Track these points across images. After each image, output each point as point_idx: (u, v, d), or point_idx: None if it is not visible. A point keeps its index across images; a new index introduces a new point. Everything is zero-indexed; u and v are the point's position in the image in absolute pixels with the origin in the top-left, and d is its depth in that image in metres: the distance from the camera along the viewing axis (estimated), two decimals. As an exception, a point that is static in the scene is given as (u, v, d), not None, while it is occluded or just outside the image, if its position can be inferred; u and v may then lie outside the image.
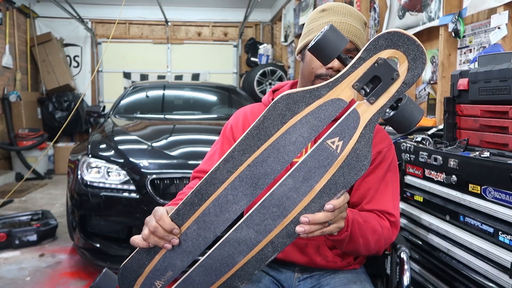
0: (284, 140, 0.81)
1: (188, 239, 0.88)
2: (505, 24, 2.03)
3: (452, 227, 1.49)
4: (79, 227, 2.48)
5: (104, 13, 7.21)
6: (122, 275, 0.94)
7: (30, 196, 4.71)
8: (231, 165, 0.83)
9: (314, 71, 1.10)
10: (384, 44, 0.75)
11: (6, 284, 2.47)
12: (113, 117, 3.57)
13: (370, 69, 0.76)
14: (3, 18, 5.87)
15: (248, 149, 0.82)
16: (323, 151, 0.80)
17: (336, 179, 0.79)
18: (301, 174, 0.81)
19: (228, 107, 4.09)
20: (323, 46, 0.80)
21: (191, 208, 0.87)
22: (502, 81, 1.38)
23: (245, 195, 0.83)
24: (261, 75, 6.17)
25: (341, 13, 1.09)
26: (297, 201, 0.81)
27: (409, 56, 0.75)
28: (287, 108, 0.80)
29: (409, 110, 0.78)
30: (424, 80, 2.97)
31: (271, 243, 0.84)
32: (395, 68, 0.75)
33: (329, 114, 0.79)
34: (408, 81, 0.76)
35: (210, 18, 7.56)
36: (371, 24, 3.74)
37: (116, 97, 4.22)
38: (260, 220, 0.84)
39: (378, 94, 0.77)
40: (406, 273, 1.18)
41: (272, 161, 0.82)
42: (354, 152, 0.78)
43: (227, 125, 1.26)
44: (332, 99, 0.79)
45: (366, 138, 0.78)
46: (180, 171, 2.42)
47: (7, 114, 5.78)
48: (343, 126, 0.79)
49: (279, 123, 0.81)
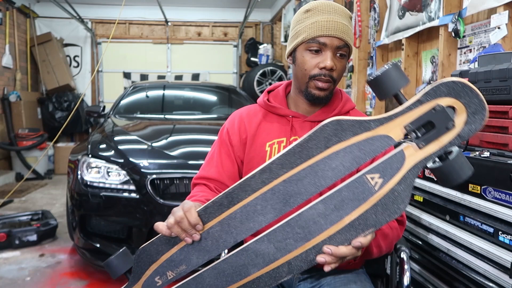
0: (324, 164, 0.80)
1: (209, 238, 0.88)
2: (505, 24, 2.03)
3: (452, 227, 1.49)
4: (79, 227, 2.48)
5: (104, 13, 7.21)
6: (138, 256, 0.95)
7: (30, 196, 4.71)
8: (267, 177, 0.83)
9: (308, 72, 1.10)
10: (445, 92, 0.72)
11: (6, 284, 2.47)
12: (113, 117, 3.57)
13: (426, 113, 0.73)
14: (3, 18, 5.87)
15: (287, 164, 0.81)
16: (361, 184, 0.78)
17: (367, 215, 0.77)
18: (334, 202, 0.79)
19: (228, 107, 4.09)
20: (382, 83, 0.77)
21: (219, 208, 0.87)
22: (502, 81, 1.38)
23: (274, 209, 0.83)
24: (261, 75, 6.17)
25: (326, 12, 1.08)
26: (323, 228, 0.80)
27: (469, 108, 0.71)
28: (334, 134, 0.79)
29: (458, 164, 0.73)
30: (424, 80, 2.97)
31: (287, 264, 0.83)
32: (452, 118, 0.72)
33: (374, 148, 0.77)
34: (464, 135, 0.72)
35: (210, 18, 7.57)
36: (371, 24, 3.74)
37: (116, 97, 4.22)
38: (283, 237, 0.83)
39: (429, 140, 0.74)
40: (406, 273, 1.18)
41: (307, 182, 0.81)
42: (392, 193, 0.76)
43: (223, 128, 1.25)
44: (381, 134, 0.77)
45: (407, 182, 0.75)
46: (180, 171, 2.41)
47: (7, 114, 5.78)
48: (387, 164, 0.77)
49: (323, 147, 0.79)
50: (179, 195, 2.39)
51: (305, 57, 1.10)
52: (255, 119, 1.22)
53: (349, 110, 1.21)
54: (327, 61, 1.06)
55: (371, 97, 3.78)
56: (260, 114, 1.23)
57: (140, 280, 0.95)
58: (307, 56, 1.09)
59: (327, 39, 1.07)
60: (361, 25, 3.83)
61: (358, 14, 3.85)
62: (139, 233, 2.37)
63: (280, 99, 1.23)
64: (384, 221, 0.76)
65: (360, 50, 3.89)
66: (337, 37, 1.07)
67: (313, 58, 1.09)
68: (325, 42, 1.07)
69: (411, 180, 0.75)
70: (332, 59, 1.07)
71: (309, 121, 1.18)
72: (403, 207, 0.75)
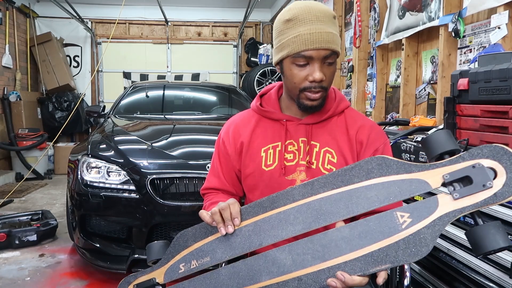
0: (361, 192, 0.83)
1: (240, 235, 0.93)
2: (505, 24, 2.04)
3: (452, 227, 1.49)
4: (79, 227, 2.48)
5: (104, 13, 7.21)
6: (177, 239, 1.00)
7: (30, 196, 4.71)
8: (308, 191, 0.88)
9: (298, 85, 1.08)
10: (487, 154, 0.75)
11: (6, 284, 2.47)
12: (113, 117, 3.57)
13: (466, 168, 0.76)
14: (3, 18, 5.87)
15: (328, 185, 0.86)
16: (390, 219, 0.80)
17: (388, 251, 0.78)
18: (359, 230, 0.81)
19: (228, 107, 4.09)
20: (430, 144, 0.81)
21: (259, 209, 0.92)
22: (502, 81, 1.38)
23: (304, 223, 0.86)
24: (261, 75, 6.17)
25: (308, 21, 1.03)
26: (343, 252, 0.82)
27: (509, 173, 0.74)
28: (377, 167, 0.83)
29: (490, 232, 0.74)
30: (424, 80, 2.97)
31: (298, 279, 0.84)
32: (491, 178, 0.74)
33: (411, 190, 0.80)
34: (500, 195, 0.73)
35: (210, 18, 7.57)
36: (371, 24, 3.74)
37: (116, 97, 4.22)
38: (302, 252, 0.85)
39: (464, 193, 0.75)
40: (406, 273, 1.18)
41: (341, 205, 0.84)
42: (418, 235, 0.77)
43: (219, 139, 1.27)
44: (420, 179, 0.79)
45: (435, 228, 0.76)
46: (180, 171, 2.41)
47: (7, 114, 5.78)
48: (419, 207, 0.79)
49: (364, 176, 0.83)
50: (179, 195, 2.39)
51: (293, 71, 1.08)
52: (249, 126, 1.22)
53: (343, 109, 1.20)
54: (316, 74, 1.04)
55: (371, 97, 3.78)
56: (254, 120, 1.22)
57: (168, 262, 1.00)
58: (295, 70, 1.07)
59: (313, 52, 1.03)
60: (361, 25, 3.83)
61: (358, 14, 3.85)
62: (139, 233, 2.37)
63: (273, 102, 1.22)
64: (403, 261, 0.77)
65: (360, 50, 3.89)
66: (323, 48, 1.03)
67: (301, 71, 1.06)
68: (311, 55, 1.04)
69: (440, 228, 0.76)
70: (320, 71, 1.04)
71: (303, 123, 1.17)
72: (425, 251, 0.76)
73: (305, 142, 1.15)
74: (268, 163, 1.15)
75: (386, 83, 3.58)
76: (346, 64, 4.52)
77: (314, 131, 1.16)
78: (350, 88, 4.23)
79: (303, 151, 1.14)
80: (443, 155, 0.80)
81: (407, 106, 3.10)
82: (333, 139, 1.15)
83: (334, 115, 1.18)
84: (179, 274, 0.98)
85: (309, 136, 1.15)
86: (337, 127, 1.17)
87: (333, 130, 1.16)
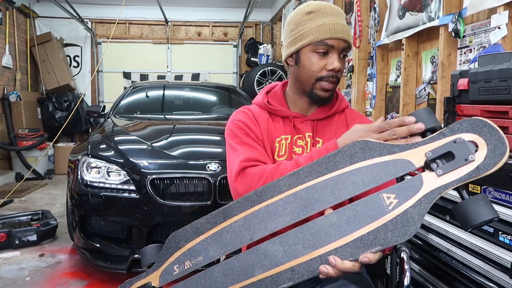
0: (346, 177, 0.83)
1: (230, 231, 0.92)
2: (505, 24, 2.03)
3: (452, 227, 1.49)
4: (79, 227, 2.48)
5: (104, 13, 7.21)
6: (169, 241, 1.00)
7: (30, 196, 4.71)
8: (294, 181, 0.87)
9: (315, 74, 1.12)
10: (467, 128, 0.76)
11: (6, 284, 2.47)
12: (113, 117, 3.57)
13: (447, 144, 0.77)
14: (3, 18, 5.86)
15: (313, 173, 0.86)
16: (376, 202, 0.80)
17: (377, 233, 0.78)
18: (347, 215, 0.81)
19: (228, 107, 4.09)
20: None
21: (247, 203, 0.91)
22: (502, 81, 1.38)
23: (292, 213, 0.86)
24: (261, 75, 6.17)
25: (330, 14, 1.11)
26: (332, 239, 0.82)
27: (490, 144, 0.74)
28: (360, 151, 0.83)
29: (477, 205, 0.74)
30: (424, 80, 2.97)
31: (291, 270, 0.84)
32: (472, 151, 0.75)
33: (395, 170, 0.80)
34: (483, 168, 0.74)
35: (210, 18, 7.57)
36: (371, 24, 3.74)
37: (116, 97, 4.22)
38: (293, 242, 0.85)
39: (447, 169, 0.76)
40: (406, 273, 1.17)
41: (328, 192, 0.84)
42: (405, 214, 0.77)
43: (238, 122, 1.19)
44: (403, 159, 0.80)
45: (421, 207, 0.76)
46: (180, 171, 2.41)
47: (7, 114, 5.78)
48: (404, 187, 0.79)
49: (348, 161, 0.84)
50: (179, 195, 2.39)
51: (312, 59, 1.12)
52: (263, 116, 1.23)
53: (344, 108, 1.25)
54: (336, 63, 1.09)
55: (371, 97, 3.78)
56: (264, 115, 1.24)
57: (162, 265, 1.00)
58: (314, 58, 1.11)
59: (335, 42, 1.09)
60: (361, 25, 3.83)
61: (358, 14, 3.85)
62: (139, 233, 2.37)
63: (280, 99, 1.25)
64: (393, 242, 0.77)
65: (360, 50, 3.89)
66: (343, 39, 1.10)
67: (321, 60, 1.11)
68: (333, 44, 1.10)
69: (426, 205, 0.76)
70: (339, 61, 1.11)
71: (309, 119, 1.21)
72: (413, 230, 0.76)
73: (311, 137, 1.19)
74: (280, 153, 1.18)
75: (386, 83, 3.58)
76: (346, 64, 4.53)
77: (319, 128, 1.21)
78: (350, 88, 4.23)
79: (310, 145, 1.18)
80: (425, 132, 0.81)
81: (407, 106, 3.11)
82: (335, 136, 1.17)
83: (337, 112, 1.23)
84: (174, 276, 0.98)
85: (314, 131, 1.19)
86: (339, 124, 1.22)
87: (335, 127, 1.21)
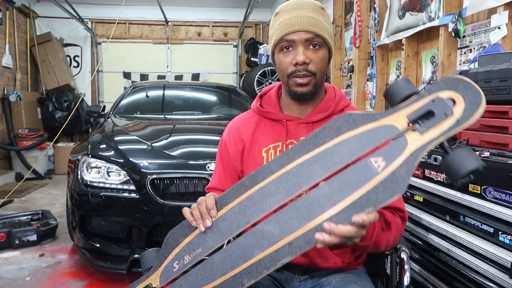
0: (334, 150, 0.86)
1: (226, 219, 0.94)
2: (505, 24, 2.04)
3: (452, 227, 1.50)
4: (79, 227, 2.48)
5: (104, 13, 7.21)
6: (167, 240, 1.01)
7: (30, 196, 4.71)
8: (284, 161, 0.89)
9: (285, 71, 1.12)
10: (443, 86, 0.79)
11: (6, 284, 2.47)
12: (113, 117, 3.57)
13: (426, 104, 0.80)
14: (3, 18, 5.86)
15: (302, 150, 0.88)
16: (365, 167, 0.82)
17: (369, 195, 0.81)
18: (338, 184, 0.84)
19: (228, 107, 4.09)
20: (391, 93, 0.85)
21: (241, 189, 0.93)
22: (502, 81, 1.38)
23: (285, 191, 0.88)
24: (261, 75, 6.17)
25: (290, 10, 1.11)
26: (326, 208, 0.84)
27: (466, 98, 0.77)
28: (345, 123, 0.86)
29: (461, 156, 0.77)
30: (424, 80, 2.97)
31: (288, 245, 0.86)
32: (450, 106, 0.78)
33: (380, 136, 0.83)
34: (462, 120, 0.77)
35: (210, 18, 7.57)
36: (371, 24, 3.74)
37: (116, 97, 4.22)
38: (288, 218, 0.87)
39: (429, 126, 0.79)
40: (406, 273, 1.18)
41: (318, 166, 0.86)
42: (393, 174, 0.80)
43: (222, 140, 1.29)
44: (386, 124, 0.83)
45: (408, 165, 0.79)
46: (180, 171, 2.41)
47: (7, 114, 5.78)
48: (390, 149, 0.81)
49: (334, 134, 0.86)
50: (179, 195, 2.39)
51: (280, 58, 1.12)
52: (250, 127, 1.23)
53: (343, 107, 1.20)
54: (298, 56, 1.07)
55: (371, 97, 3.78)
56: (254, 121, 1.23)
57: (162, 265, 1.00)
58: (282, 57, 1.12)
59: (293, 35, 1.08)
60: (361, 25, 3.83)
61: (358, 14, 3.85)
62: (139, 233, 2.37)
63: (273, 103, 1.23)
64: (385, 200, 0.80)
65: (360, 50, 3.89)
66: (303, 30, 1.07)
67: (287, 57, 1.11)
68: (293, 38, 1.08)
69: (412, 163, 0.79)
70: (304, 53, 1.08)
71: (303, 122, 1.17)
72: (402, 187, 0.79)
73: None
74: None
75: (386, 83, 3.59)
76: (346, 64, 4.52)
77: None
78: (350, 88, 4.23)
79: None
80: (404, 99, 0.83)
81: (407, 106, 3.10)
82: None
83: (334, 113, 1.17)
84: (174, 273, 0.98)
85: None
86: None
87: None
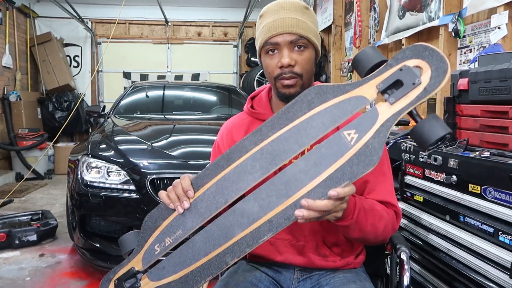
0: (307, 124, 0.87)
1: (204, 199, 0.94)
2: (505, 24, 2.04)
3: (452, 227, 1.50)
4: (79, 227, 2.48)
5: (104, 13, 7.21)
6: (145, 223, 1.01)
7: (30, 196, 4.71)
8: (258, 138, 0.90)
9: (272, 74, 1.11)
10: (410, 55, 0.80)
11: (6, 284, 2.47)
12: (113, 117, 3.57)
13: (394, 73, 0.81)
14: (3, 18, 5.86)
15: (275, 126, 0.89)
16: (338, 140, 0.84)
17: (344, 168, 0.82)
18: (313, 159, 0.85)
19: (228, 107, 4.09)
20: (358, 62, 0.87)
21: (217, 169, 0.93)
22: (502, 81, 1.38)
23: (261, 168, 0.89)
24: (261, 75, 6.17)
25: (274, 12, 1.10)
26: (303, 184, 0.84)
27: (432, 65, 0.78)
28: (317, 96, 0.87)
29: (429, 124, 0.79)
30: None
31: (269, 222, 0.87)
32: (418, 75, 0.79)
33: (351, 108, 0.84)
34: (430, 88, 0.78)
35: (210, 18, 7.57)
36: (371, 24, 3.74)
37: (116, 97, 4.22)
38: (267, 195, 0.88)
39: (398, 96, 0.80)
40: (406, 273, 1.18)
41: (292, 141, 0.87)
42: (366, 146, 0.81)
43: (215, 143, 1.29)
44: (357, 95, 0.84)
45: (380, 136, 0.81)
46: (180, 171, 2.41)
47: (7, 114, 5.78)
48: (362, 121, 0.83)
49: (306, 108, 0.87)
50: (179, 195, 2.39)
51: (266, 61, 1.12)
52: (242, 129, 1.23)
53: None
54: (283, 59, 1.07)
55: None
56: (246, 122, 1.24)
57: (143, 248, 1.01)
58: (268, 59, 1.11)
59: (277, 38, 1.07)
60: (361, 25, 3.83)
61: (358, 14, 3.85)
62: (139, 233, 2.37)
63: (264, 104, 1.23)
64: (360, 173, 0.81)
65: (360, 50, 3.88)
66: (286, 32, 1.06)
67: (272, 60, 1.10)
68: (277, 41, 1.07)
69: (384, 134, 0.81)
70: (288, 55, 1.07)
71: None
72: (376, 158, 0.80)
73: None
74: None
75: (386, 83, 3.58)
76: (346, 64, 4.52)
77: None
78: (350, 88, 4.22)
79: None
80: (373, 69, 0.84)
81: (407, 106, 3.10)
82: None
83: None
84: (156, 255, 0.99)
85: None
86: None
87: None
